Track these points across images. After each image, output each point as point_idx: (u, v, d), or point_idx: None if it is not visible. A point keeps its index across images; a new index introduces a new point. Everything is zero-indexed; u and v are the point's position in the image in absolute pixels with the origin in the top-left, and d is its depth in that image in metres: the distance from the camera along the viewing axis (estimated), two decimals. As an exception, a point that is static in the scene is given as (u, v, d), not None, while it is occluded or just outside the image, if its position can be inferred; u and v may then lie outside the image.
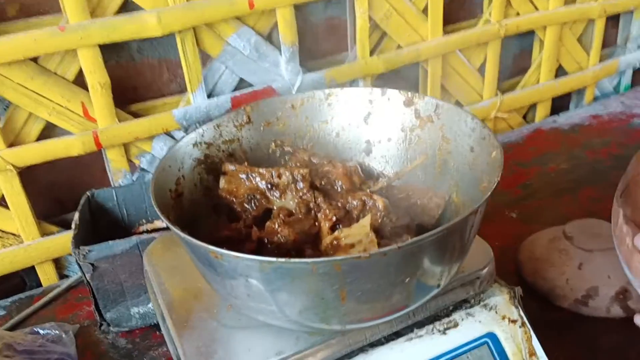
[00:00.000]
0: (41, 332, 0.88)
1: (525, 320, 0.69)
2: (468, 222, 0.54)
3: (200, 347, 0.60)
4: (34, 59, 0.93)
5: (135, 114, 1.04)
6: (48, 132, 0.98)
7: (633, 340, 0.81)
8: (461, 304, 0.68)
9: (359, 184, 0.69)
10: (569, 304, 0.89)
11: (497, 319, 0.68)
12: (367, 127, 0.78)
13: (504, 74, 1.41)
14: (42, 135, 0.98)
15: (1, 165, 0.94)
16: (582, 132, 1.40)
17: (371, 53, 1.19)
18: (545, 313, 0.89)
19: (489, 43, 1.32)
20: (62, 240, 1.02)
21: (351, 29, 1.18)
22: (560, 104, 1.55)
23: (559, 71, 1.49)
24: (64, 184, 1.07)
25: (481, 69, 1.36)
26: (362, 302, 0.53)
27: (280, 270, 0.49)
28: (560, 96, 1.51)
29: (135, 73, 1.06)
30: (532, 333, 0.68)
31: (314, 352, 0.59)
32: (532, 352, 0.67)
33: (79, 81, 0.97)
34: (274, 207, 0.68)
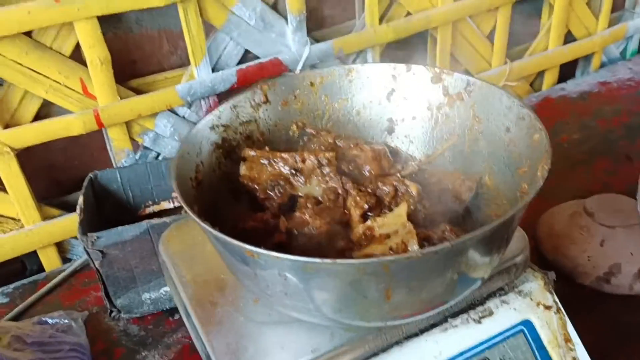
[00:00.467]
0: (50, 322, 0.85)
1: (560, 306, 0.67)
2: (520, 212, 0.51)
3: (230, 344, 0.57)
4: (28, 33, 0.87)
5: (135, 90, 0.98)
6: (45, 111, 0.93)
7: (657, 318, 0.80)
8: (495, 291, 0.65)
9: (387, 168, 0.66)
10: (591, 282, 0.88)
11: (532, 305, 0.66)
12: (390, 105, 0.74)
13: (512, 41, 1.37)
14: (39, 115, 0.92)
15: (-2, 148, 0.89)
16: (591, 100, 1.37)
17: (380, 21, 1.14)
18: (567, 291, 0.87)
19: (499, 8, 1.27)
20: (65, 224, 0.98)
21: (359, -6, 1.13)
22: (566, 71, 1.51)
23: (567, 37, 1.44)
24: (62, 165, 1.03)
25: (490, 37, 1.32)
26: (407, 299, 0.50)
27: (324, 271, 0.46)
28: (566, 63, 1.47)
29: (133, 46, 1.00)
30: (567, 319, 0.66)
31: (351, 349, 0.57)
32: (568, 338, 0.66)
33: (77, 56, 0.92)
34: (299, 194, 0.64)
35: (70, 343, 0.82)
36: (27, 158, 0.95)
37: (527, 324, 0.65)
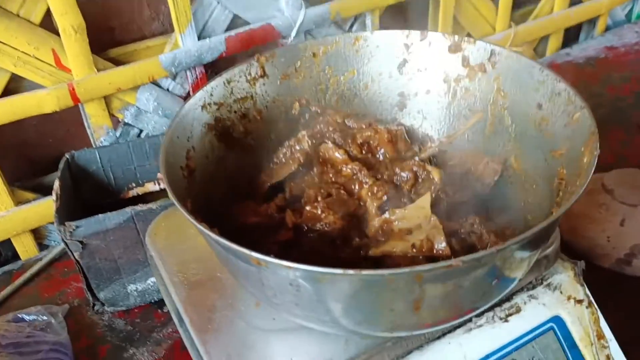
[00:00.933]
0: (27, 319, 0.77)
1: (592, 299, 0.61)
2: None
3: (230, 355, 0.51)
4: (-9, -2, 0.77)
5: (114, 61, 0.89)
6: (14, 85, 0.84)
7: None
8: (523, 286, 0.59)
9: (404, 151, 0.58)
10: (611, 264, 0.82)
11: (562, 300, 0.60)
12: (402, 78, 0.66)
13: (516, 3, 1.28)
14: (7, 90, 0.83)
15: (-39, 127, 0.80)
16: (598, 65, 1.30)
17: (379, -18, 1.05)
18: (584, 274, 0.83)
19: (504, -32, 1.18)
20: (40, 209, 0.90)
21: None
22: (569, 35, 1.43)
23: (572, -1, 1.36)
24: (34, 143, 0.94)
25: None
26: (437, 309, 0.44)
27: (345, 282, 0.39)
28: (570, 27, 1.39)
29: (110, 11, 0.91)
30: (600, 314, 0.60)
31: (368, 358, 0.50)
32: (601, 335, 0.60)
33: (48, 24, 0.82)
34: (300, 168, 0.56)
35: (50, 342, 0.74)
36: (-3, 136, 0.86)
37: (558, 320, 0.59)
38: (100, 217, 0.74)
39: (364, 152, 0.57)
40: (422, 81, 0.66)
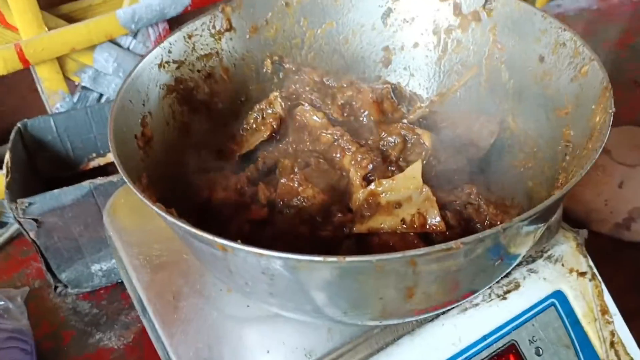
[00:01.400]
0: (-20, 304, 0.71)
1: (595, 271, 0.56)
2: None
3: (200, 350, 0.45)
4: None
5: (67, 18, 0.82)
6: (-48, 47, 0.75)
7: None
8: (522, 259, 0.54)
9: (390, 113, 0.52)
10: (609, 229, 0.78)
11: (564, 273, 0.55)
12: (386, 30, 0.60)
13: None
14: (-56, 52, 0.75)
15: None
16: (591, 18, 1.24)
17: None
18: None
19: None
20: (-8, 184, 0.82)
21: None
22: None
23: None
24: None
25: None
26: (432, 294, 0.38)
27: (327, 270, 0.33)
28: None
29: (60, -39, 0.82)
30: (603, 286, 0.56)
31: (353, 348, 0.45)
32: (605, 310, 0.55)
33: (-14, -24, 0.73)
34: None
35: (7, 330, 0.69)
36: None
37: (559, 295, 0.54)
38: (56, 192, 0.67)
39: (345, 114, 0.50)
40: (408, 33, 0.60)
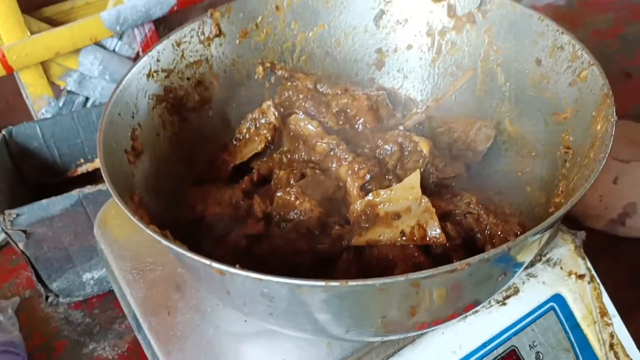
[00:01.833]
0: (-30, 317, 0.69)
1: (594, 273, 0.55)
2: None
3: (198, 367, 0.44)
4: None
5: (50, 21, 0.80)
6: None
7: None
8: (521, 263, 0.53)
9: (386, 119, 0.51)
10: (604, 225, 0.77)
11: (563, 276, 0.54)
12: (379, 32, 0.59)
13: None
14: None
15: None
16: (580, 8, 1.23)
17: None
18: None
19: None
20: (-21, 192, 0.80)
21: None
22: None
23: None
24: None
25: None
26: (435, 311, 0.37)
27: (329, 294, 0.32)
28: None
29: (41, -38, 0.79)
30: (602, 288, 0.55)
31: (355, 361, 0.44)
32: (604, 312, 0.55)
33: (-36, -20, 0.71)
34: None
35: (0, 343, 0.67)
36: None
37: (558, 299, 0.54)
38: (44, 202, 0.66)
39: (340, 122, 0.49)
40: (402, 35, 0.59)
